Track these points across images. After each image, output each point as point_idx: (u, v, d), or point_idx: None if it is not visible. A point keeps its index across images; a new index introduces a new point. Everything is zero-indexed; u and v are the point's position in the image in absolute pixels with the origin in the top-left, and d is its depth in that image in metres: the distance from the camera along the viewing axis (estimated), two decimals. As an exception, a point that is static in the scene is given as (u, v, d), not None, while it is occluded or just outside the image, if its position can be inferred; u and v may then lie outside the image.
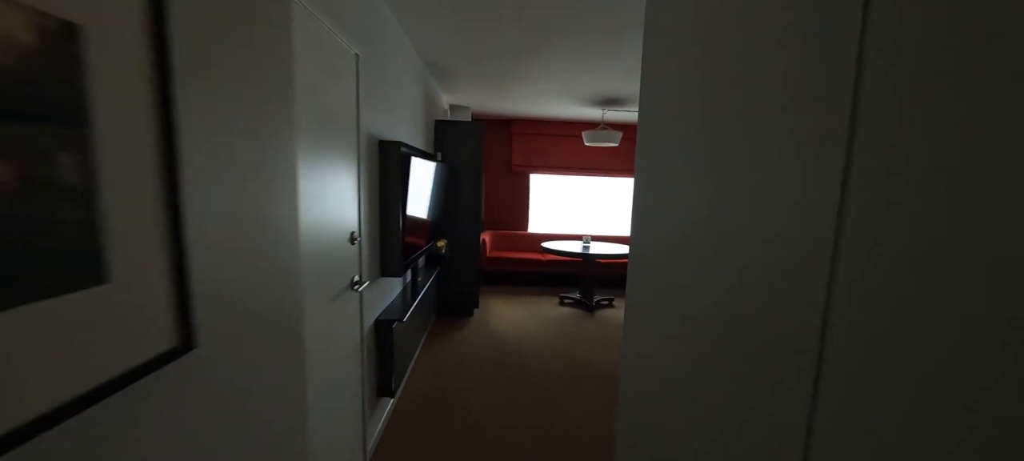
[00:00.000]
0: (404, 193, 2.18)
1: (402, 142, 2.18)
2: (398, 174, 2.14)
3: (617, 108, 4.69)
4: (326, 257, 1.49)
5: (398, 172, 2.13)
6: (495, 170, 5.89)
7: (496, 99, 4.57)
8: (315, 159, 1.37)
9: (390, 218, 2.14)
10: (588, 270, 4.69)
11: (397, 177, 2.13)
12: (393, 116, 2.46)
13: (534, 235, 5.84)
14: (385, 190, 2.14)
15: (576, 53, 2.95)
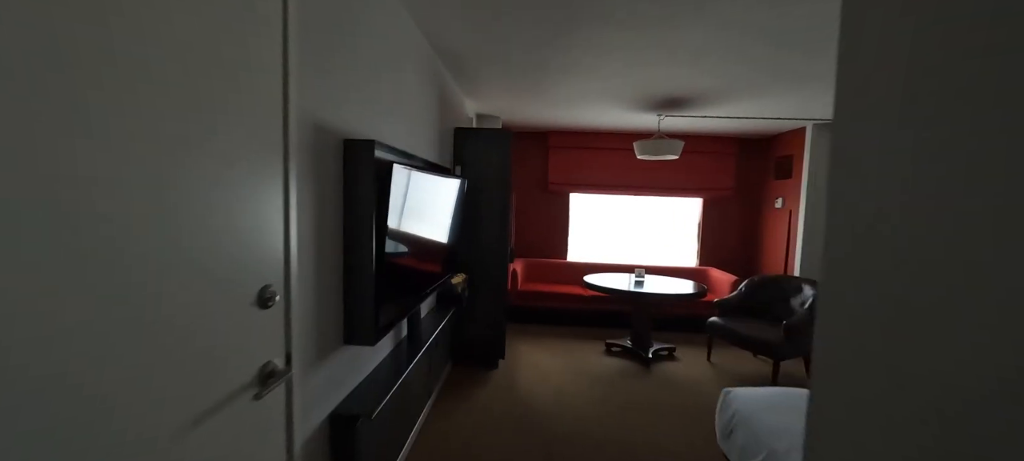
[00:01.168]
0: (380, 218, 1.45)
1: (378, 142, 1.46)
2: (372, 189, 1.41)
3: (678, 112, 3.83)
4: (191, 336, 0.76)
5: (371, 187, 1.41)
6: (528, 189, 5.14)
7: (529, 105, 3.85)
8: (168, 155, 0.66)
9: (358, 257, 1.41)
10: (642, 311, 3.76)
11: (370, 194, 1.41)
12: (376, 110, 1.76)
13: (574, 265, 4.98)
14: (351, 214, 1.42)
15: (632, 35, 2.17)
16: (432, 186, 2.10)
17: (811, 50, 2.33)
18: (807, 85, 2.94)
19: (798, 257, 4.21)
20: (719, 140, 4.92)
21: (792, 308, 3.52)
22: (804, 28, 2.07)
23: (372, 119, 1.71)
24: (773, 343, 3.14)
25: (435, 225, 2.24)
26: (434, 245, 2.27)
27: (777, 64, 2.57)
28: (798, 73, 2.71)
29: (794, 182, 4.38)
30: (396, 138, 1.97)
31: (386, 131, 1.86)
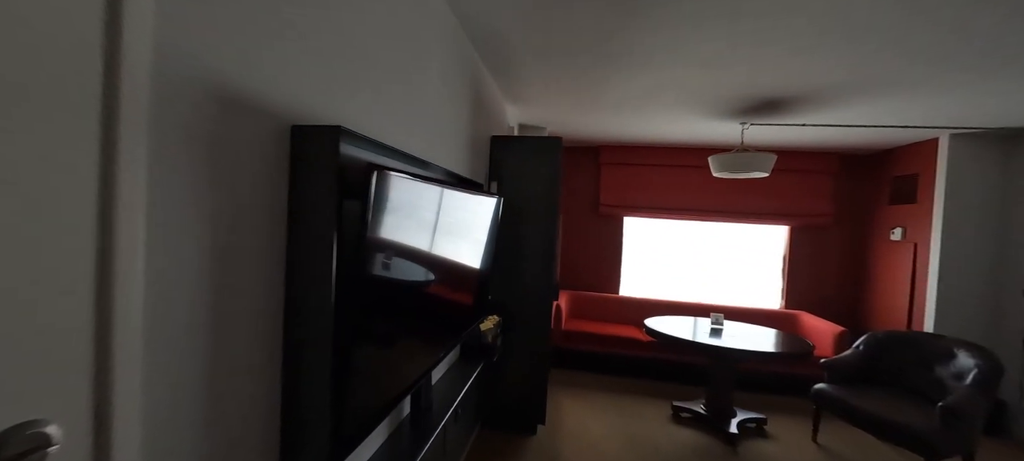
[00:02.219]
0: (348, 252, 0.88)
1: (354, 133, 0.90)
2: (333, 208, 0.85)
3: (769, 120, 3.06)
4: None
5: (333, 204, 0.85)
6: (575, 211, 4.48)
7: (582, 113, 3.24)
8: None
9: (304, 323, 0.84)
10: (722, 371, 2.95)
11: (330, 215, 0.85)
12: (367, 95, 1.22)
13: (627, 301, 4.22)
14: (297, 249, 0.86)
15: (712, 23, 1.52)
16: (455, 205, 1.53)
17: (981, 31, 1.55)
18: (957, 81, 2.12)
19: (931, 306, 3.22)
20: (813, 155, 4.04)
21: (941, 380, 2.57)
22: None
23: (358, 105, 1.17)
24: (922, 433, 2.23)
25: (457, 257, 1.66)
26: (456, 284, 1.69)
27: (943, 50, 1.79)
28: (962, 63, 1.91)
29: (920, 208, 3.42)
30: (397, 136, 1.42)
31: (383, 125, 1.32)
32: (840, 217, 4.09)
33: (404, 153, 1.22)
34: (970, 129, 3.03)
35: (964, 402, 2.22)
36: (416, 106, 1.54)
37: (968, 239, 3.14)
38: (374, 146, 1.05)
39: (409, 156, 1.25)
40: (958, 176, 3.15)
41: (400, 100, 1.41)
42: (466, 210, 1.71)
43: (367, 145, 1.02)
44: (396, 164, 1.29)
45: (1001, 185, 3.11)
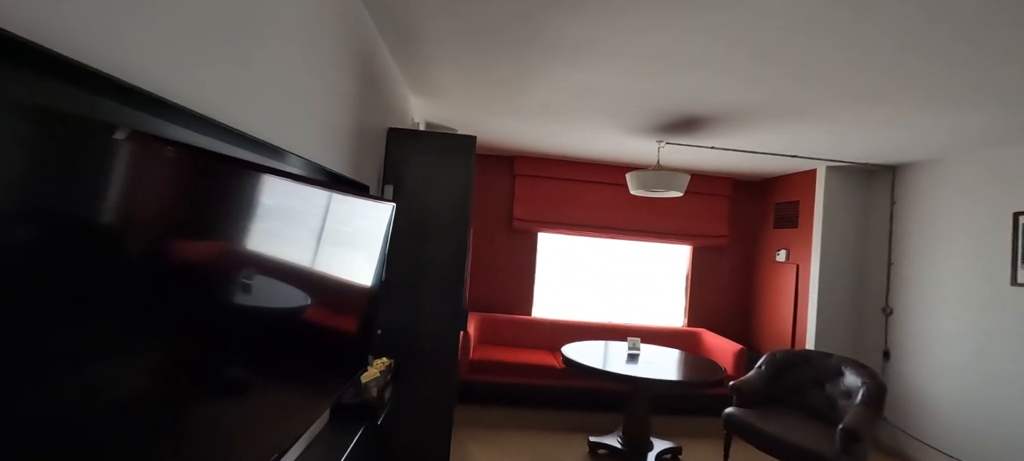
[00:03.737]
0: None
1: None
2: None
3: (684, 140, 3.03)
4: None
5: None
6: (488, 225, 4.10)
7: (496, 115, 2.87)
8: None
9: None
10: (640, 403, 2.77)
11: None
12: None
13: (541, 323, 3.93)
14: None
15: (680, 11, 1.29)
16: (317, 211, 1.00)
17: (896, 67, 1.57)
18: (833, 118, 2.24)
19: (811, 324, 3.48)
20: (713, 179, 4.23)
21: (832, 399, 2.69)
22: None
23: (143, 33, 0.60)
24: (826, 457, 2.24)
25: (320, 289, 1.12)
26: (314, 324, 1.14)
27: (837, 82, 1.80)
28: (867, 95, 1.97)
29: (801, 233, 3.72)
30: (219, 102, 0.86)
31: (190, 79, 0.75)
32: (734, 239, 4.34)
33: (228, 128, 0.67)
34: (841, 163, 3.36)
35: (860, 423, 2.29)
36: (258, 61, 0.98)
37: (840, 262, 3.47)
38: (153, 106, 0.51)
39: (235, 133, 0.70)
40: (832, 204, 3.47)
41: (229, 46, 0.85)
42: (346, 217, 1.18)
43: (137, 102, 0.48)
44: (200, 139, 0.73)
45: (863, 214, 3.50)
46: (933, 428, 2.91)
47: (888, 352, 3.27)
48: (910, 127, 2.43)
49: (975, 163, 2.81)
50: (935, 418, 2.91)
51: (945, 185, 2.98)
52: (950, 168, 2.96)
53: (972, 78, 1.78)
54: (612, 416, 3.34)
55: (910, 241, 3.18)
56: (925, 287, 3.04)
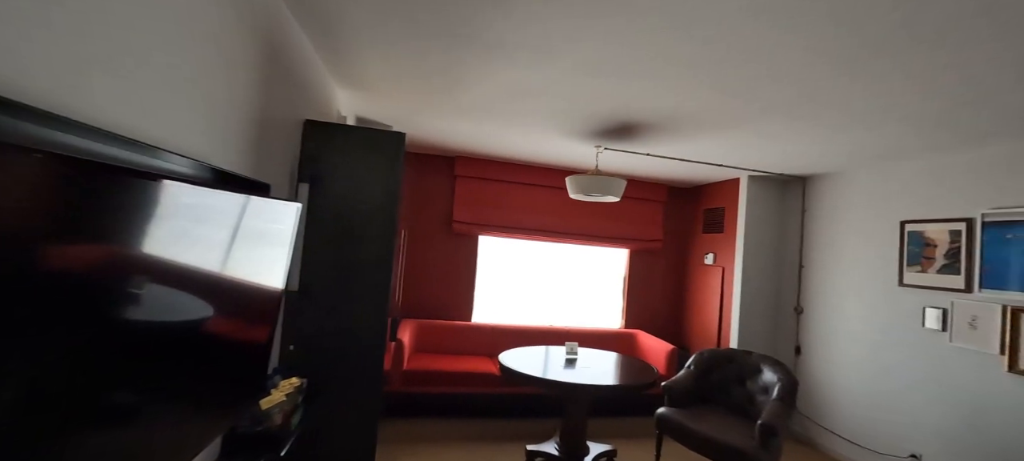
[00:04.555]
0: None
1: None
2: None
3: (622, 146, 3.08)
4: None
5: None
6: (426, 227, 3.93)
7: (433, 115, 2.74)
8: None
9: None
10: (577, 408, 2.75)
11: None
12: None
13: (481, 329, 3.84)
14: None
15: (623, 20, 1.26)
16: (190, 213, 0.82)
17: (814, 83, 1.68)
18: (755, 131, 2.39)
19: (735, 324, 3.70)
20: (649, 185, 4.38)
21: (752, 395, 2.85)
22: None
23: None
24: (746, 452, 2.35)
25: (198, 301, 0.94)
26: (191, 343, 0.95)
27: (793, 95, 1.90)
28: (790, 110, 2.10)
29: (726, 237, 3.95)
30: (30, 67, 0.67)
31: None
32: (668, 243, 4.53)
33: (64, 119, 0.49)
34: (761, 172, 3.60)
35: (776, 417, 2.43)
36: (111, 35, 0.79)
37: (759, 265, 3.71)
38: None
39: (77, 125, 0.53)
40: (753, 211, 3.72)
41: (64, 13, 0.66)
42: (223, 225, 1.00)
43: None
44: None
45: (779, 221, 3.78)
46: (837, 416, 3.19)
47: (799, 348, 3.54)
48: (817, 142, 2.64)
49: (870, 176, 3.12)
50: (838, 407, 3.19)
51: (846, 195, 3.29)
52: (850, 180, 3.27)
53: (870, 99, 1.94)
54: (551, 422, 3.32)
55: (818, 246, 3.48)
56: (829, 288, 3.34)
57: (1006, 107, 1.90)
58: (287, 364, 1.80)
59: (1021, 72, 1.57)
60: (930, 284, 2.67)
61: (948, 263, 2.58)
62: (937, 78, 1.68)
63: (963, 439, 2.46)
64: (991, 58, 1.50)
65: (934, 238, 2.67)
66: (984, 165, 2.47)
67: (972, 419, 2.43)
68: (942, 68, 1.59)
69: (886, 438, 2.85)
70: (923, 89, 1.79)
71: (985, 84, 1.70)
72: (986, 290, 2.40)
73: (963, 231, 2.52)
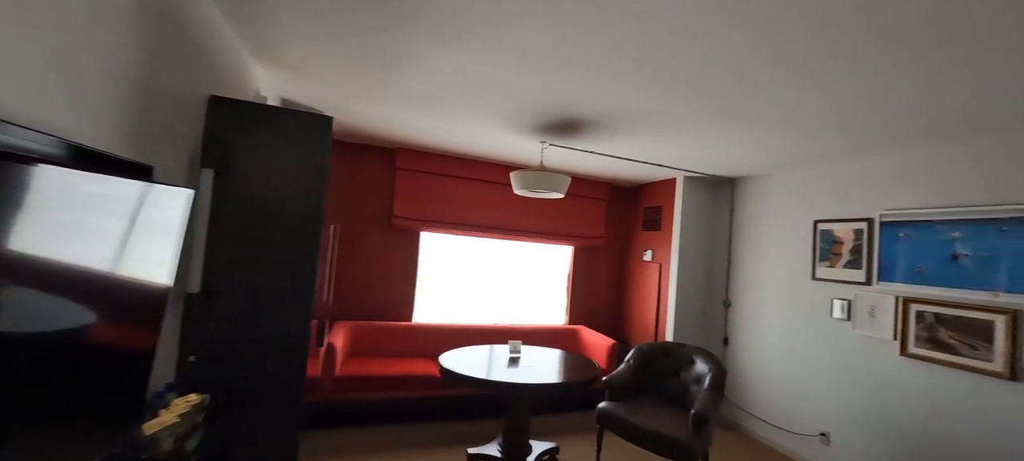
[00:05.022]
0: None
1: None
2: None
3: (566, 142, 3.07)
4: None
5: None
6: (364, 222, 3.69)
7: (370, 101, 2.54)
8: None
9: None
10: (520, 409, 2.71)
11: None
12: None
13: (423, 329, 3.67)
14: None
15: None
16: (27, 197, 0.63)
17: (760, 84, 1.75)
18: (692, 132, 2.49)
19: (671, 317, 3.86)
20: (592, 183, 4.44)
21: (686, 386, 2.97)
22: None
23: None
24: (680, 441, 2.43)
25: (39, 305, 0.73)
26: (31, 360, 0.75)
27: (745, 96, 1.96)
28: (737, 113, 2.18)
29: (664, 235, 4.12)
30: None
31: None
32: (610, 240, 4.64)
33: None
34: (695, 173, 3.78)
35: (707, 406, 2.54)
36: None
37: (693, 261, 3.91)
38: None
39: None
40: (688, 210, 3.90)
41: None
42: (77, 211, 0.80)
43: None
44: None
45: (711, 220, 4.00)
46: (759, 401, 3.43)
47: (727, 339, 3.78)
48: (743, 146, 2.79)
49: (789, 179, 3.38)
50: (760, 393, 3.43)
51: (769, 196, 3.54)
52: (773, 182, 3.52)
53: (787, 110, 2.07)
54: (495, 422, 3.25)
55: (744, 243, 3.72)
56: (754, 282, 3.58)
57: (896, 122, 2.11)
58: (187, 378, 1.55)
59: (914, 91, 1.74)
60: (837, 278, 2.94)
61: (852, 259, 2.86)
62: (844, 92, 1.82)
63: (863, 416, 2.73)
64: (884, 74, 1.63)
65: (841, 236, 2.95)
66: (882, 171, 2.76)
67: (870, 398, 2.70)
68: (846, 84, 1.72)
69: (799, 419, 3.11)
70: (831, 102, 1.93)
71: (880, 100, 1.86)
72: (882, 283, 2.68)
73: (865, 230, 2.80)
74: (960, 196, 2.38)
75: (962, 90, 1.74)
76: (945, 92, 1.77)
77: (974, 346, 2.25)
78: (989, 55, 1.47)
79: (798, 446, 3.10)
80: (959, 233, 2.35)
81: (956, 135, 2.26)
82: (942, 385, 2.37)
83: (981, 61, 1.51)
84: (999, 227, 2.20)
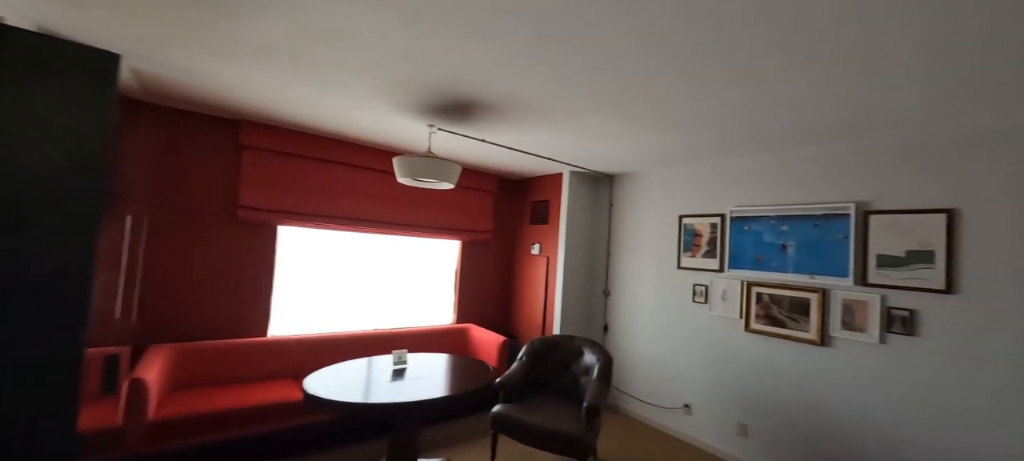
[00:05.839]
0: None
1: None
2: None
3: (457, 125, 2.80)
4: None
5: None
6: (194, 213, 2.85)
7: (196, 50, 1.88)
8: None
9: None
10: (408, 430, 2.37)
11: None
12: None
13: (283, 344, 3.02)
14: None
15: None
16: None
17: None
18: (577, 125, 2.52)
19: (558, 310, 3.93)
20: (481, 175, 4.26)
21: (576, 377, 3.01)
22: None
23: None
24: (574, 436, 2.43)
25: None
26: None
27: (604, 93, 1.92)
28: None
29: (551, 228, 4.17)
30: None
31: None
32: (498, 234, 4.53)
33: None
34: (579, 168, 3.90)
35: (597, 396, 2.59)
36: None
37: (577, 254, 4.04)
38: None
39: None
40: (573, 204, 4.00)
41: None
42: None
43: None
44: None
45: (592, 214, 4.19)
46: (634, 381, 3.71)
47: (607, 326, 4.01)
48: (620, 143, 2.92)
49: (659, 177, 3.70)
50: (635, 373, 3.71)
51: (642, 192, 3.83)
52: (646, 179, 3.82)
53: (663, 108, 2.17)
54: (380, 443, 2.84)
55: (621, 236, 3.98)
56: (630, 272, 3.85)
57: (743, 129, 2.40)
58: None
59: (749, 104, 1.96)
60: (698, 266, 3.31)
61: (709, 249, 3.24)
62: (701, 97, 1.96)
63: (717, 385, 3.13)
64: (728, 86, 1.80)
65: (700, 230, 3.32)
66: (734, 172, 3.17)
67: (723, 369, 3.11)
68: (701, 90, 1.85)
69: (667, 394, 3.44)
70: (697, 107, 2.08)
71: (728, 110, 2.08)
72: (732, 270, 3.09)
73: (719, 224, 3.19)
74: (788, 195, 2.85)
75: (789, 108, 2.02)
76: (780, 108, 2.04)
77: (796, 320, 2.73)
78: (814, 81, 1.69)
79: (666, 419, 3.43)
80: (787, 227, 2.82)
81: (787, 144, 2.68)
82: (775, 353, 2.83)
83: (811, 83, 1.74)
84: (814, 222, 2.69)
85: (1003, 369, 2.05)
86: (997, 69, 1.56)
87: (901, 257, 2.34)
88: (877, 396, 2.41)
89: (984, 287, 2.11)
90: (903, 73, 1.65)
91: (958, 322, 2.18)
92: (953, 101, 1.87)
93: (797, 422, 2.70)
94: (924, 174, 2.33)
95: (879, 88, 1.79)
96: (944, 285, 2.20)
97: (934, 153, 2.30)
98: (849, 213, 2.54)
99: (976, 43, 1.41)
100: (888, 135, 2.34)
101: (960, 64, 1.55)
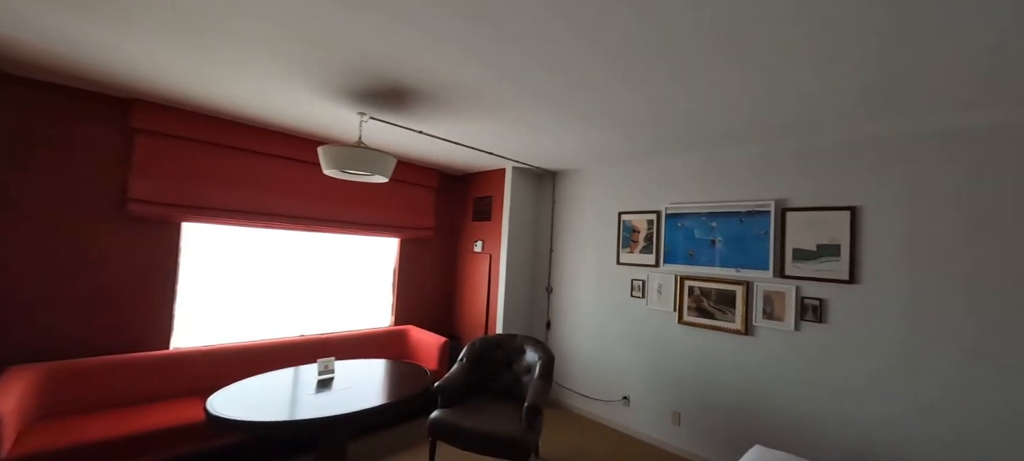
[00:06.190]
0: None
1: None
2: None
3: (391, 114, 2.61)
4: None
5: None
6: (71, 209, 2.42)
7: (66, 7, 1.55)
8: None
9: None
10: (335, 445, 2.18)
11: None
12: None
13: (188, 357, 2.66)
14: None
15: None
16: None
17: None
18: (517, 120, 2.47)
19: (500, 308, 3.86)
20: (421, 169, 4.07)
21: (518, 376, 2.95)
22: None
23: None
24: (514, 438, 2.36)
25: None
26: None
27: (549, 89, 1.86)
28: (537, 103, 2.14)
29: (494, 225, 4.09)
30: None
31: None
32: (439, 231, 4.37)
33: None
34: (522, 164, 3.85)
35: (538, 395, 2.54)
36: None
37: (520, 251, 3.99)
38: None
39: None
40: (516, 200, 3.95)
41: None
42: None
43: None
44: None
45: (535, 210, 4.16)
46: (576, 376, 3.74)
47: (549, 322, 4.01)
48: (562, 139, 2.90)
49: (600, 174, 3.75)
50: (576, 368, 3.74)
51: (584, 189, 3.86)
52: (587, 176, 3.85)
53: (604, 104, 2.17)
54: (303, 458, 2.59)
55: (564, 232, 3.99)
56: (571, 268, 3.88)
57: (676, 130, 2.48)
58: None
59: (687, 102, 2.02)
60: (635, 262, 3.39)
61: (646, 245, 3.33)
62: (641, 96, 1.98)
63: (653, 376, 3.23)
64: (668, 88, 1.83)
65: (638, 226, 3.40)
66: (669, 170, 3.27)
67: (658, 360, 3.21)
68: (643, 88, 1.87)
69: (606, 386, 3.50)
70: (635, 105, 2.10)
71: (665, 111, 2.12)
72: (666, 265, 3.19)
73: (655, 220, 3.29)
74: (717, 193, 2.99)
75: (721, 106, 2.10)
76: (713, 108, 2.11)
77: (724, 311, 2.87)
78: (747, 81, 1.76)
79: (606, 412, 3.49)
80: (716, 223, 2.95)
81: (718, 144, 2.80)
82: (706, 343, 2.96)
83: (746, 84, 1.81)
84: (739, 218, 2.84)
85: (887, 348, 2.28)
86: (890, 83, 1.71)
87: (813, 251, 2.53)
88: (790, 379, 2.59)
89: (879, 277, 2.34)
90: (806, 77, 1.75)
91: (858, 309, 2.39)
92: (856, 108, 2.02)
93: (724, 407, 2.84)
94: (834, 173, 2.53)
95: (790, 94, 1.89)
96: (848, 276, 2.41)
97: (843, 154, 2.51)
98: (769, 210, 2.71)
99: (866, 59, 1.52)
100: (806, 137, 2.51)
101: (856, 74, 1.67)
